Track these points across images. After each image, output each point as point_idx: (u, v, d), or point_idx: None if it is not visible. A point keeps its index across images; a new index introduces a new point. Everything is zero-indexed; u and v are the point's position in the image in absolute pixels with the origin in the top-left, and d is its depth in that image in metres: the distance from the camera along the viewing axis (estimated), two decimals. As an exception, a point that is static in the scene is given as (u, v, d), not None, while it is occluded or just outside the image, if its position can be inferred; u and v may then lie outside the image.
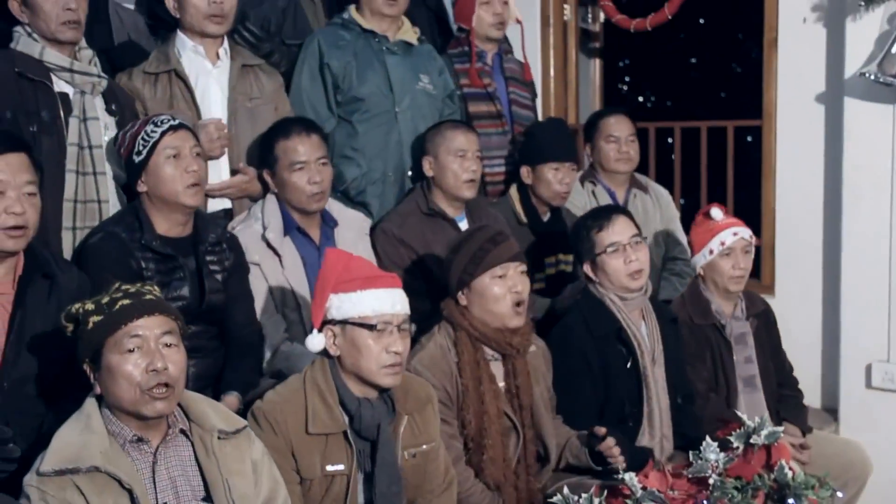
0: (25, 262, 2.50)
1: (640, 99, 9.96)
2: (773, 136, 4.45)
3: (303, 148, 3.17)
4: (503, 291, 2.82)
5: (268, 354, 3.08)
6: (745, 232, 3.49)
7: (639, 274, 3.12)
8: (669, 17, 4.85)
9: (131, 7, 3.74)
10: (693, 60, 9.39)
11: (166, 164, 2.83)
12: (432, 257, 3.41)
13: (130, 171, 2.88)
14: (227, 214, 3.33)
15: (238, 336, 3.01)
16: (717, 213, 3.47)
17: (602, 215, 3.23)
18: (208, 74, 3.30)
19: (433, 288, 3.30)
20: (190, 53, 3.28)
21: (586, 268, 3.19)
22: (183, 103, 3.22)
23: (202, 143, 3.16)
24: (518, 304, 2.84)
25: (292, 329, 3.15)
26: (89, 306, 2.18)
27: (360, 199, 3.61)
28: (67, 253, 2.90)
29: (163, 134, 2.83)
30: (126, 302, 2.16)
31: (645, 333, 3.15)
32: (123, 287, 2.22)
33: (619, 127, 4.09)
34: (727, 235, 3.43)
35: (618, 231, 3.15)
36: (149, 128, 2.84)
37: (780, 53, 4.40)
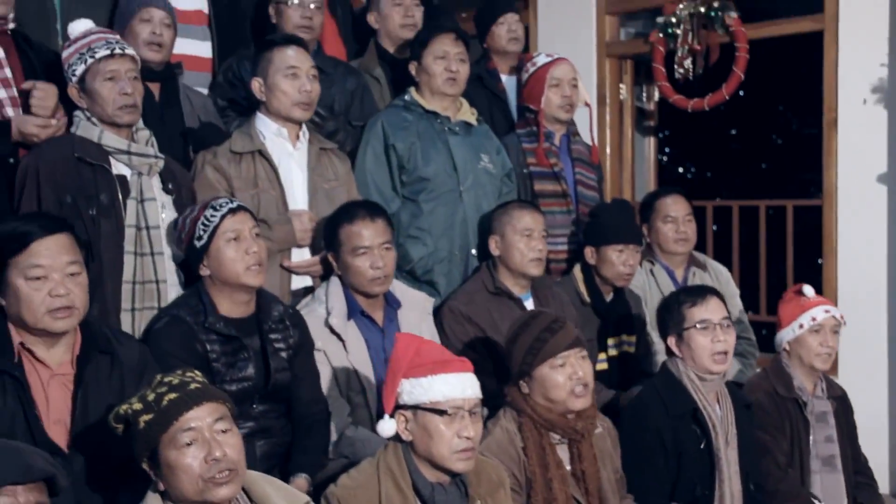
0: (83, 340, 2.52)
1: (686, 174, 9.96)
2: (834, 215, 4.45)
3: (367, 233, 3.20)
4: (564, 379, 2.80)
5: (333, 438, 3.07)
6: (837, 312, 3.50)
7: (723, 357, 3.10)
8: (727, 97, 4.88)
9: (202, 90, 3.83)
10: (747, 138, 9.39)
11: (227, 247, 2.86)
12: (499, 336, 3.40)
13: (192, 255, 2.91)
14: (309, 291, 3.36)
15: (305, 414, 3.00)
16: (809, 290, 3.49)
17: (696, 292, 3.22)
18: (290, 156, 3.38)
19: (500, 367, 3.29)
20: (272, 136, 3.36)
21: (670, 341, 3.17)
22: (267, 182, 3.29)
23: (296, 232, 3.23)
24: (582, 387, 2.82)
25: (357, 413, 3.14)
26: (137, 405, 2.16)
27: (427, 278, 3.64)
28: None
29: (222, 217, 2.87)
30: (173, 396, 2.15)
31: (720, 416, 3.12)
32: (166, 379, 2.21)
33: (676, 207, 4.10)
34: (818, 312, 3.43)
35: (710, 309, 3.13)
36: (208, 212, 2.88)
37: (840, 134, 4.41)
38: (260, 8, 4.14)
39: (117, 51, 2.98)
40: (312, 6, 3.80)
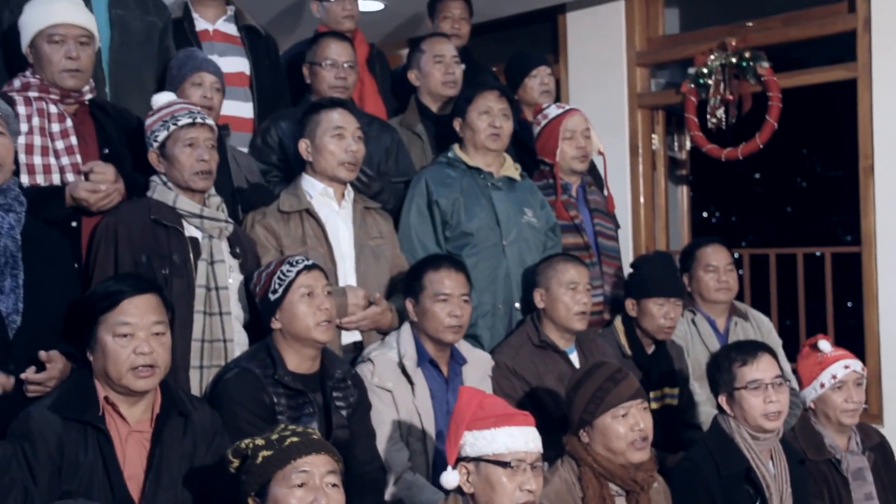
0: (163, 400, 2.60)
1: (711, 218, 9.96)
2: (873, 262, 4.45)
3: (449, 282, 3.27)
4: (626, 430, 2.80)
5: (391, 480, 3.09)
6: (857, 364, 3.41)
7: (776, 416, 3.05)
8: (761, 146, 4.92)
9: (245, 150, 3.90)
10: (772, 182, 9.41)
11: (300, 301, 2.94)
12: (544, 389, 3.43)
13: (265, 308, 2.99)
14: (357, 347, 3.39)
15: (361, 473, 3.02)
16: (825, 345, 3.42)
17: (747, 350, 3.17)
18: (336, 214, 3.44)
19: (546, 420, 3.29)
20: (319, 195, 3.43)
21: (721, 399, 3.14)
22: (315, 240, 3.35)
23: (349, 305, 3.29)
24: (642, 440, 2.83)
25: (415, 459, 3.17)
26: (259, 441, 2.28)
27: (471, 331, 3.63)
28: (195, 391, 2.97)
29: (298, 273, 2.96)
30: (295, 439, 2.26)
31: (773, 474, 3.09)
32: (290, 427, 2.33)
33: (716, 256, 4.10)
34: (838, 369, 3.37)
35: (762, 368, 3.09)
36: (284, 267, 2.98)
37: (876, 180, 4.42)
38: (293, 68, 4.23)
39: (198, 120, 3.09)
40: (346, 65, 3.87)
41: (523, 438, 2.49)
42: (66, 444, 2.43)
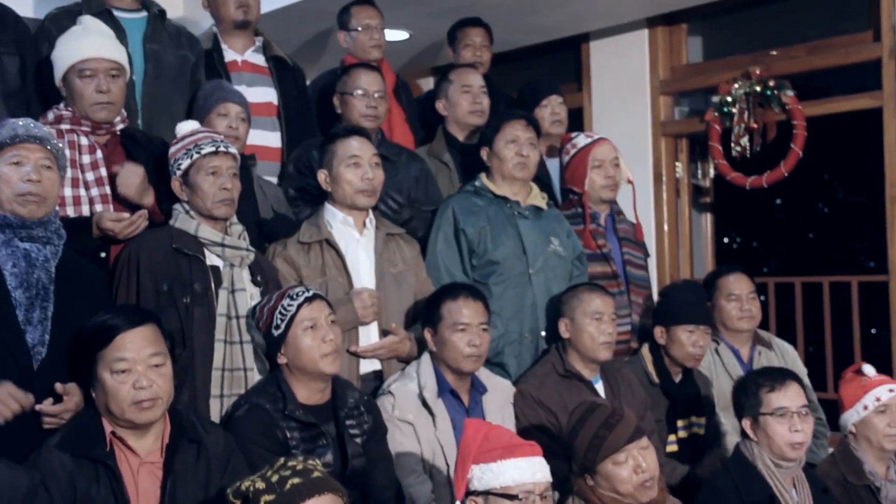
0: (172, 429, 2.59)
1: (732, 244, 9.93)
2: (901, 291, 4.42)
3: (467, 311, 3.28)
4: (629, 474, 2.74)
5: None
6: None
7: (800, 445, 3.03)
8: (786, 175, 4.91)
9: (272, 179, 3.93)
10: (793, 207, 9.38)
11: (304, 335, 2.92)
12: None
13: (270, 344, 2.98)
14: (377, 375, 3.40)
15: (380, 499, 3.03)
16: (869, 369, 3.41)
17: (775, 376, 3.16)
18: (356, 243, 3.45)
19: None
20: (339, 224, 3.44)
21: (745, 424, 3.12)
22: (335, 270, 3.36)
23: (357, 310, 3.28)
24: (649, 479, 2.77)
25: (438, 490, 3.16)
26: (259, 485, 2.22)
27: (497, 360, 3.66)
28: (215, 420, 2.95)
29: (299, 307, 2.94)
30: (296, 481, 2.20)
31: (797, 502, 3.07)
32: (290, 463, 2.27)
33: (739, 285, 4.09)
34: (882, 392, 3.35)
35: (789, 396, 3.08)
36: (285, 301, 2.96)
37: (902, 209, 4.41)
38: (324, 98, 4.27)
39: (221, 148, 3.11)
40: (376, 95, 3.91)
41: (530, 469, 2.48)
42: (77, 481, 2.42)
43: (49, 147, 2.76)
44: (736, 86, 5.01)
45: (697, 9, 5.28)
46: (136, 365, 2.50)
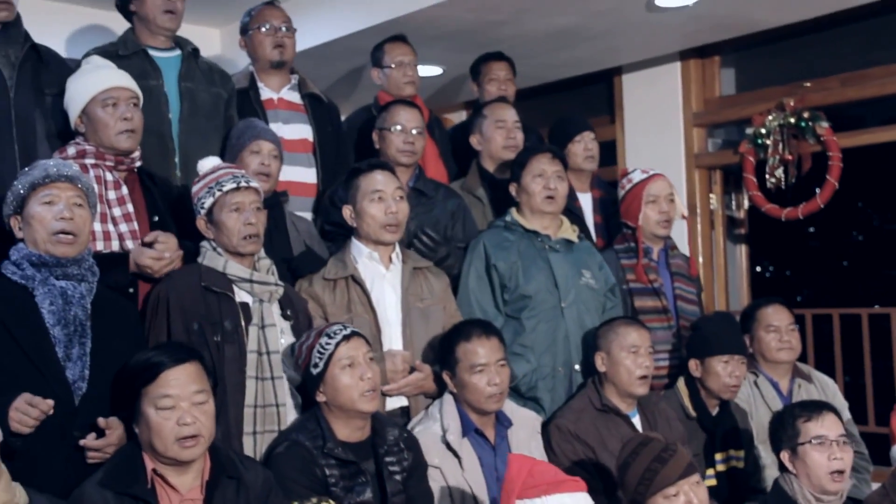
0: (212, 466, 2.60)
1: (765, 273, 9.84)
2: (940, 322, 4.37)
3: (482, 350, 3.26)
4: None
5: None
6: None
7: (840, 476, 3.01)
8: (822, 206, 4.88)
9: (307, 215, 3.96)
10: (827, 235, 9.30)
11: (342, 374, 2.92)
12: (607, 454, 3.39)
13: (309, 382, 2.97)
14: (405, 412, 3.40)
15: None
16: None
17: (812, 407, 3.15)
18: (382, 278, 3.45)
19: (609, 484, 3.27)
20: (365, 260, 3.45)
21: (783, 456, 3.09)
22: (360, 307, 3.36)
23: (387, 372, 3.28)
24: None
25: (473, 529, 3.14)
26: None
27: (531, 394, 3.65)
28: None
29: (337, 345, 2.94)
30: None
31: (839, 537, 3.03)
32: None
33: (777, 316, 4.07)
34: None
35: (826, 425, 3.06)
36: (323, 340, 2.96)
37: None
38: (362, 134, 4.32)
39: (242, 184, 3.12)
40: (414, 131, 3.94)
41: None
42: None
43: (80, 185, 2.81)
44: (770, 117, 5.00)
45: (730, 41, 5.29)
46: (181, 402, 2.52)
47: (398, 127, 3.92)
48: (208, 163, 3.22)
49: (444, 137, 4.64)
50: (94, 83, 3.19)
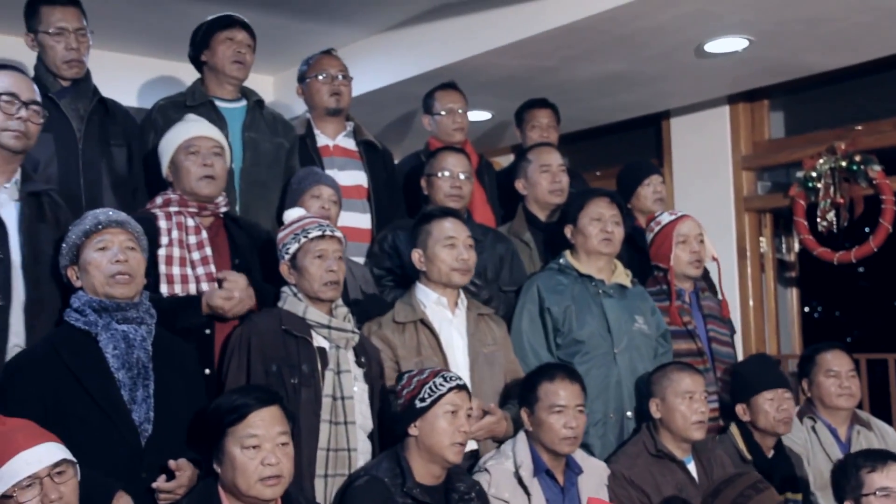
0: None
1: (813, 313, 9.73)
2: None
3: (564, 392, 3.29)
4: None
5: None
6: None
7: (905, 529, 2.99)
8: (875, 250, 4.85)
9: (359, 260, 4.02)
10: (876, 275, 9.18)
11: (444, 417, 2.98)
12: (662, 499, 3.38)
13: (408, 412, 3.02)
14: (473, 454, 3.41)
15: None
16: None
17: (877, 456, 3.09)
18: (449, 323, 3.49)
19: (664, 531, 3.26)
20: (433, 304, 3.50)
21: None
22: (430, 350, 3.40)
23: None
24: None
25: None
26: None
27: (582, 440, 3.64)
28: (319, 500, 3.01)
29: (449, 389, 3.01)
30: None
31: (901, 591, 2.98)
32: None
33: (837, 361, 4.03)
34: None
35: (892, 476, 2.99)
36: (438, 380, 3.03)
37: None
38: (411, 179, 4.38)
39: (327, 232, 3.20)
40: (461, 176, 3.98)
41: None
42: None
43: (130, 229, 2.88)
44: (821, 161, 5.00)
45: (779, 85, 5.30)
46: (265, 442, 2.58)
47: (446, 172, 3.97)
48: (295, 212, 3.31)
49: (493, 182, 4.68)
50: (179, 134, 3.32)
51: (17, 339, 2.86)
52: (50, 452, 2.42)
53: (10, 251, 2.90)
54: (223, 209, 3.38)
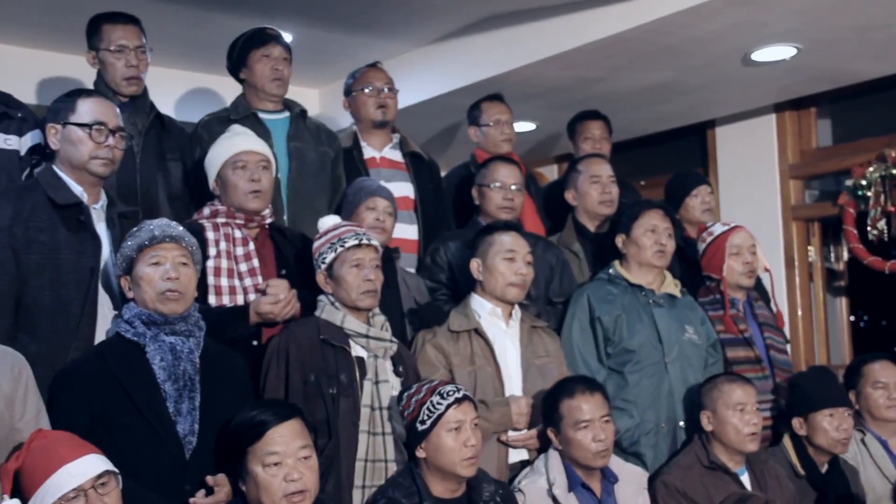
0: None
1: (859, 322, 9.56)
2: None
3: (587, 406, 3.27)
4: None
5: None
6: None
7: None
8: (927, 257, 4.80)
9: (410, 271, 4.04)
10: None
11: (447, 436, 2.92)
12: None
13: (412, 436, 2.99)
14: (525, 465, 3.41)
15: None
16: None
17: None
18: (503, 333, 3.51)
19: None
20: (487, 315, 3.51)
21: None
22: (483, 359, 3.41)
23: (512, 415, 3.33)
24: None
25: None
26: None
27: (633, 449, 3.63)
28: (359, 511, 3.01)
29: (448, 406, 2.94)
30: None
31: None
32: None
33: (885, 372, 3.98)
34: None
35: None
36: (434, 398, 2.95)
37: None
38: (460, 190, 4.39)
39: (364, 241, 3.21)
40: (513, 187, 4.00)
41: None
42: None
43: (184, 244, 2.90)
44: (871, 169, 4.95)
45: (827, 93, 5.26)
46: (287, 458, 2.56)
47: (497, 183, 3.99)
48: (329, 220, 3.31)
49: (538, 193, 4.69)
50: (227, 148, 3.35)
51: None
52: (93, 464, 2.43)
53: (101, 263, 2.97)
54: (269, 220, 3.41)
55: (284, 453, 2.56)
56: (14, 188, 3.06)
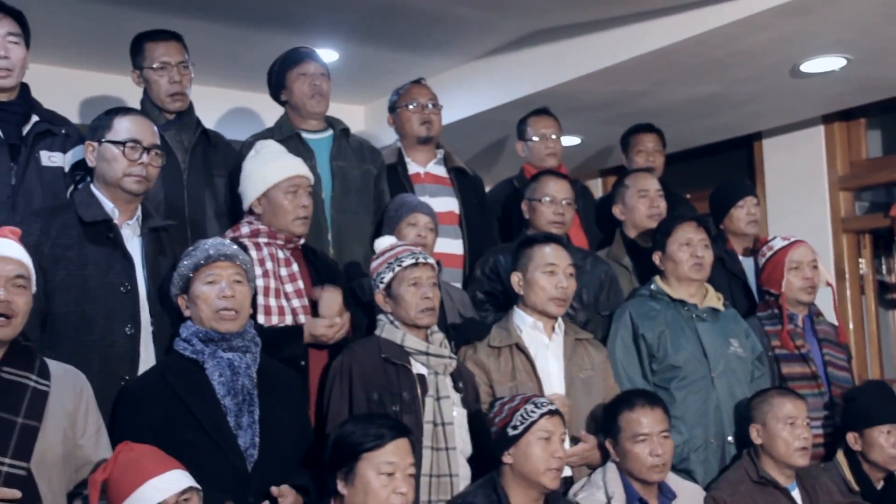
0: None
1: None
2: None
3: (646, 420, 3.26)
4: None
5: None
6: None
7: None
8: (983, 271, 4.70)
9: (456, 285, 4.05)
10: None
11: (537, 444, 2.97)
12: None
13: (501, 441, 3.01)
14: (567, 481, 3.40)
15: None
16: None
17: None
18: (546, 348, 3.49)
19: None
20: (529, 329, 3.50)
21: None
22: (525, 375, 3.40)
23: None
24: None
25: None
26: None
27: (683, 466, 3.59)
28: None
29: (541, 416, 2.99)
30: None
31: None
32: None
33: None
34: None
35: None
36: (529, 406, 3.02)
37: None
38: (505, 206, 4.39)
39: (421, 259, 3.23)
40: (564, 202, 3.98)
41: None
42: None
43: (238, 262, 2.95)
44: (922, 179, 4.88)
45: (876, 103, 5.20)
46: (399, 471, 2.65)
47: (548, 198, 3.97)
48: (386, 241, 3.34)
49: (589, 206, 4.68)
50: (278, 170, 3.35)
51: (146, 366, 2.95)
52: (178, 480, 2.48)
53: (137, 283, 3.00)
54: (302, 241, 3.42)
55: (398, 465, 2.65)
56: (46, 208, 3.11)
